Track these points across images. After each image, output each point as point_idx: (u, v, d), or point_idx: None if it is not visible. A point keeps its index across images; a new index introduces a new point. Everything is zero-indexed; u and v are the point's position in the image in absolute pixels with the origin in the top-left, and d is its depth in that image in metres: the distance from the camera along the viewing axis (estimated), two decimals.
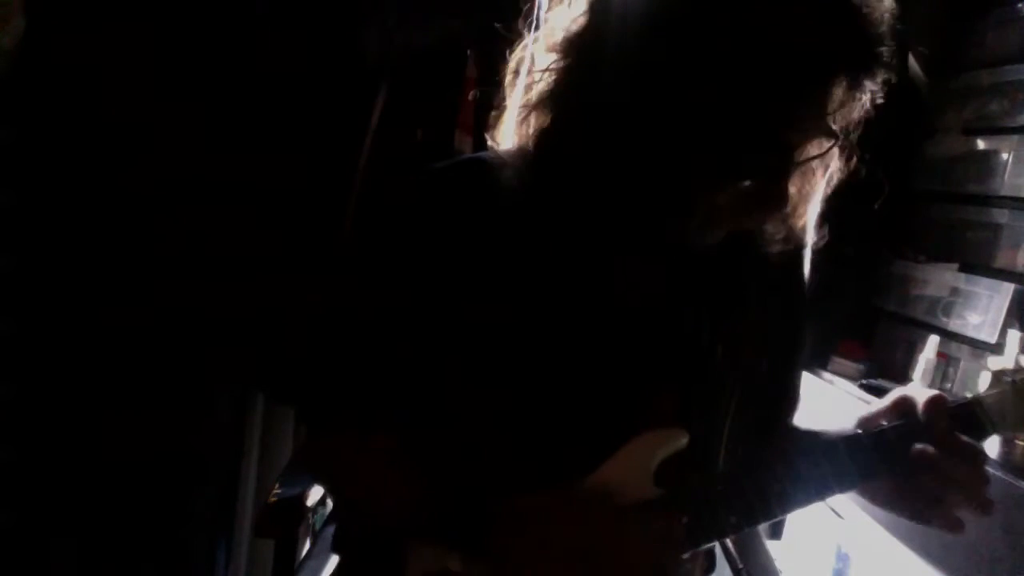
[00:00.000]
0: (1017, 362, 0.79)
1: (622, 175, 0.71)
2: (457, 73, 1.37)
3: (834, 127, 0.71)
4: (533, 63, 0.78)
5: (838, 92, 0.68)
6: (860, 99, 0.70)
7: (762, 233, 0.80)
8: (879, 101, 0.70)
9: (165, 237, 1.26)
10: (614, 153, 0.70)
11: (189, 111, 1.24)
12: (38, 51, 1.13)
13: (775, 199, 0.72)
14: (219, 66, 1.25)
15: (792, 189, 0.74)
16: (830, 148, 0.72)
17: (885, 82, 0.69)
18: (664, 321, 0.81)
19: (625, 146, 0.69)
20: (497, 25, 0.85)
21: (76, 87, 1.19)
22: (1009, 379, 0.77)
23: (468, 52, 1.36)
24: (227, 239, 1.31)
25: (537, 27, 1.23)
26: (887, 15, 0.67)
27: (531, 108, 0.78)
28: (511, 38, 0.82)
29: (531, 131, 0.78)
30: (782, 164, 0.71)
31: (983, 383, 0.84)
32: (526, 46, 0.81)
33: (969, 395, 0.78)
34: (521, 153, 0.79)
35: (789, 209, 0.77)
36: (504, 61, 0.81)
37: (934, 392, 0.77)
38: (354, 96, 1.32)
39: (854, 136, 0.73)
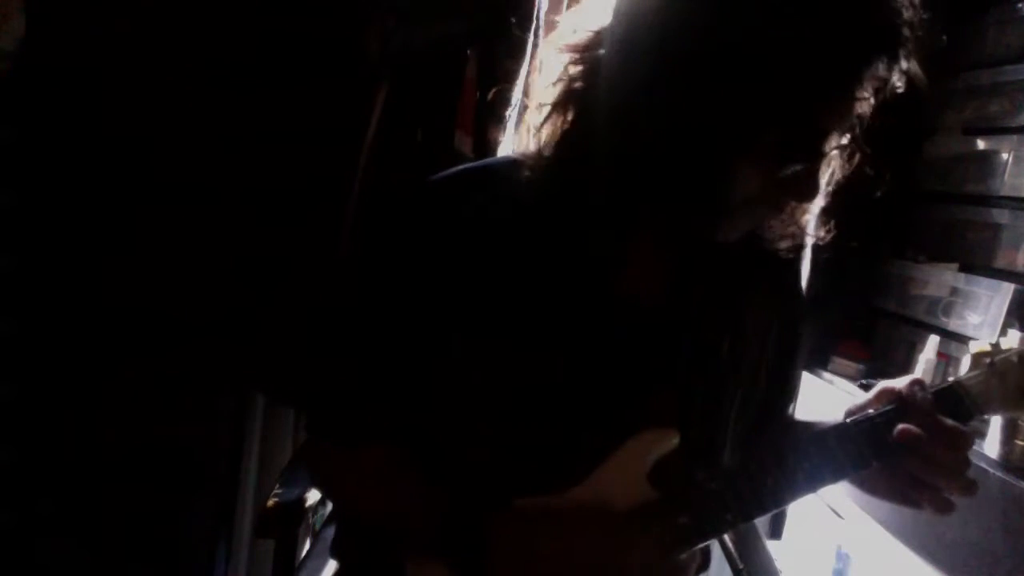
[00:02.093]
0: (996, 345, 0.80)
1: (654, 172, 0.69)
2: (457, 73, 1.37)
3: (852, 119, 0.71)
4: (553, 63, 0.77)
5: (867, 81, 0.67)
6: (878, 92, 0.69)
7: (770, 230, 0.79)
8: (897, 93, 0.69)
9: (164, 237, 1.26)
10: (646, 151, 0.69)
11: (189, 110, 1.24)
12: (38, 51, 1.13)
13: (808, 188, 0.72)
14: (218, 66, 1.25)
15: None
16: (850, 140, 0.72)
17: (904, 74, 0.68)
18: (672, 319, 0.81)
19: (660, 142, 0.68)
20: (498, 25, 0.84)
21: (76, 87, 1.18)
22: (988, 361, 0.78)
23: (468, 52, 1.36)
24: (227, 239, 1.31)
25: (538, 28, 1.23)
26: (913, 4, 0.67)
27: (554, 108, 0.77)
28: (512, 38, 0.82)
29: (552, 132, 0.77)
30: (818, 150, 0.70)
31: None
32: (545, 47, 0.80)
33: (951, 379, 0.79)
34: (538, 155, 0.78)
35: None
36: (504, 61, 0.81)
37: (913, 376, 0.78)
38: (353, 96, 1.31)
39: (861, 132, 0.73)
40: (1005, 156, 1.47)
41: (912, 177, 1.68)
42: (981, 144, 1.54)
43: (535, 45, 1.34)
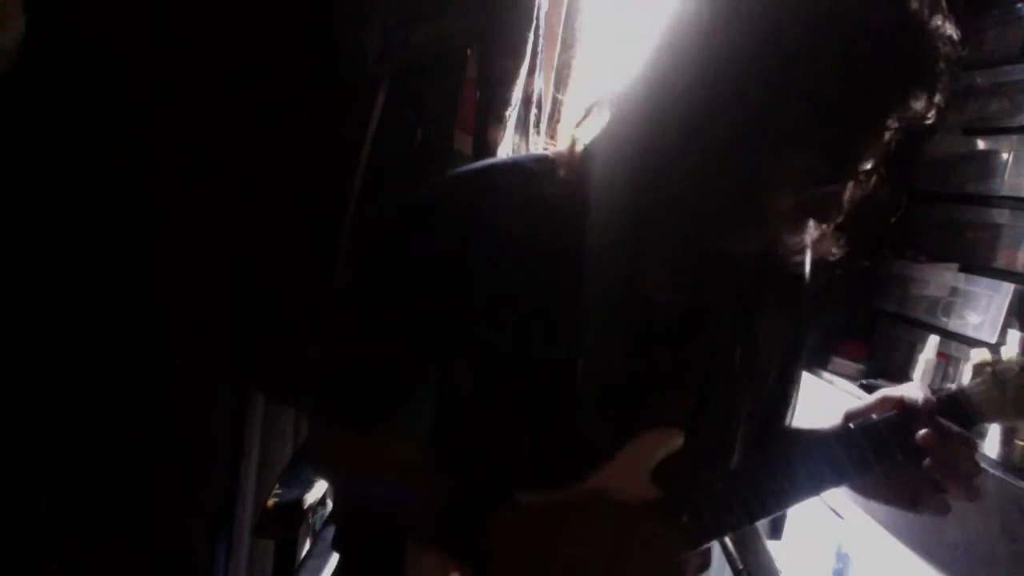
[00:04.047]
0: (998, 354, 0.80)
1: (683, 186, 0.69)
2: (457, 73, 1.37)
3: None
4: (592, 64, 0.78)
5: (901, 113, 0.68)
6: (907, 120, 0.69)
7: (785, 245, 0.80)
8: (927, 121, 0.70)
9: (164, 237, 1.26)
10: (678, 164, 0.69)
11: (188, 110, 1.24)
12: (38, 51, 1.13)
13: (832, 210, 0.73)
14: (219, 65, 1.25)
15: None
16: (876, 163, 0.73)
17: (935, 107, 0.69)
18: (687, 323, 0.81)
19: (692, 158, 0.68)
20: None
21: (76, 87, 1.19)
22: (990, 370, 0.78)
23: (468, 52, 1.36)
24: (228, 238, 1.31)
25: (538, 28, 1.23)
26: (950, 39, 0.67)
27: (590, 109, 0.77)
28: (512, 38, 0.82)
29: (586, 133, 0.78)
30: (847, 176, 0.71)
31: None
32: (586, 48, 0.81)
33: (953, 387, 0.80)
34: (570, 154, 0.78)
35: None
36: (504, 61, 0.81)
37: (915, 383, 0.79)
38: (353, 96, 1.31)
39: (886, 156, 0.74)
40: (1005, 156, 1.47)
41: (912, 177, 1.68)
42: (981, 144, 1.54)
43: (535, 45, 1.34)
